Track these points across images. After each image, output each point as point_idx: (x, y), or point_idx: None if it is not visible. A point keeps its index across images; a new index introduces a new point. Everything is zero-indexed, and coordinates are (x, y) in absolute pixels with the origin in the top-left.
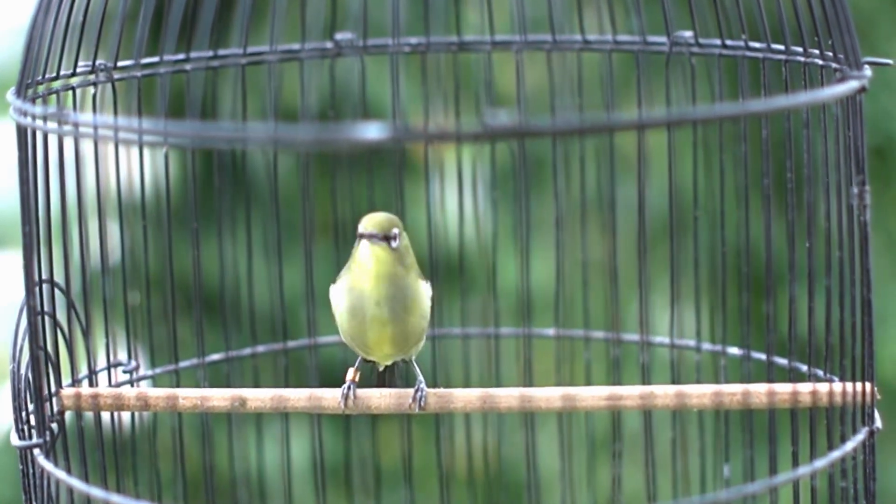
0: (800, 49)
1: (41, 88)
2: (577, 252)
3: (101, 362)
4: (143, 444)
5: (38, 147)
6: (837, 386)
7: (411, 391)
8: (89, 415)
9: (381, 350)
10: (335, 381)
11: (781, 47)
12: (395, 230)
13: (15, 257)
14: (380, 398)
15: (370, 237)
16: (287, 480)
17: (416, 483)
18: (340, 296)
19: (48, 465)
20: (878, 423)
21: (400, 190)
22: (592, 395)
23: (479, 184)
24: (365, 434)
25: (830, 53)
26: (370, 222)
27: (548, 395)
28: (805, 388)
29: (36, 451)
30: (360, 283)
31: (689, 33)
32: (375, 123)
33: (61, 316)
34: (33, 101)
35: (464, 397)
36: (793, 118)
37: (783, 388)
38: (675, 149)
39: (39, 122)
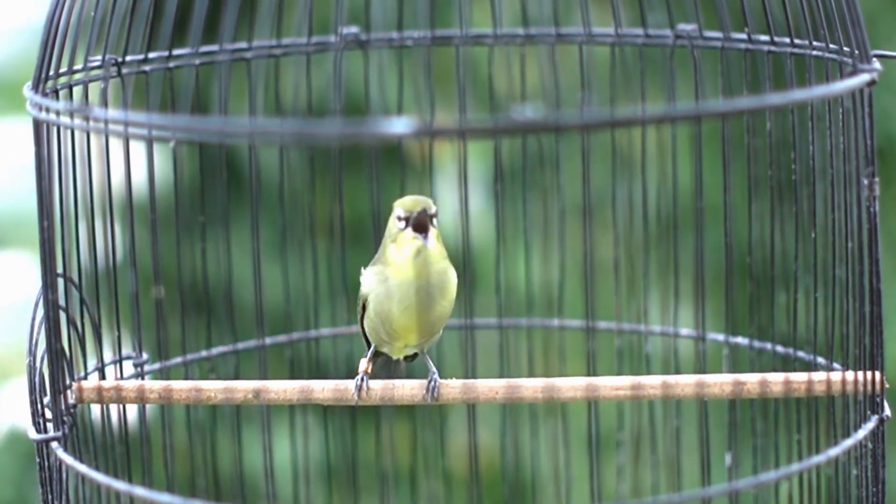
0: (805, 42)
1: (62, 81)
2: (589, 246)
3: (112, 356)
4: (154, 439)
5: (54, 142)
6: (849, 375)
7: (424, 382)
8: (95, 409)
9: (405, 338)
10: (340, 374)
11: (787, 40)
12: (435, 209)
13: (15, 256)
14: (393, 389)
15: (427, 220)
16: (295, 477)
17: (420, 482)
18: (375, 280)
19: (68, 458)
20: (888, 411)
21: (400, 184)
22: (615, 385)
23: (476, 183)
24: (371, 433)
25: (837, 46)
26: (421, 204)
27: (571, 385)
28: (819, 376)
29: (54, 444)
30: (407, 266)
31: (692, 26)
32: (402, 118)
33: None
34: (47, 96)
35: (486, 387)
36: (799, 111)
37: (799, 377)
38: (685, 143)
39: (54, 117)
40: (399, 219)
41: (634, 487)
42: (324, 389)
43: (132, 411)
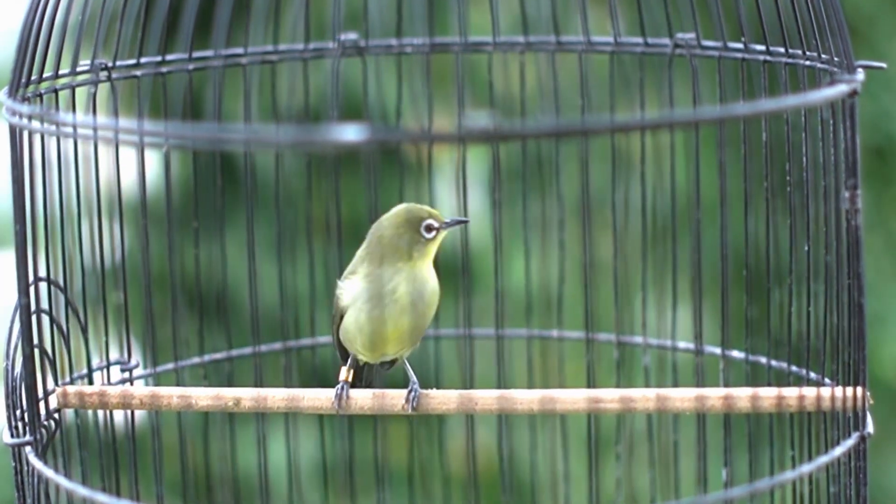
0: (799, 52)
1: (31, 89)
2: (573, 253)
3: (98, 362)
4: (138, 445)
5: (35, 147)
6: (826, 390)
7: (405, 392)
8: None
9: (389, 345)
10: (322, 382)
11: (782, 50)
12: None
13: (7, 257)
14: (373, 399)
15: (439, 227)
16: (292, 482)
17: (416, 483)
18: (357, 289)
19: (38, 464)
20: (870, 428)
21: (376, 190)
22: (571, 398)
23: (475, 185)
24: (346, 435)
25: (828, 56)
26: (432, 213)
27: (526, 398)
28: (791, 392)
29: (27, 448)
30: (398, 273)
31: (690, 35)
32: (352, 124)
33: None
34: (25, 101)
35: (442, 398)
36: (787, 120)
37: (767, 393)
38: (661, 151)
39: (27, 122)
40: (431, 228)
41: (630, 495)
42: (307, 398)
43: (118, 416)
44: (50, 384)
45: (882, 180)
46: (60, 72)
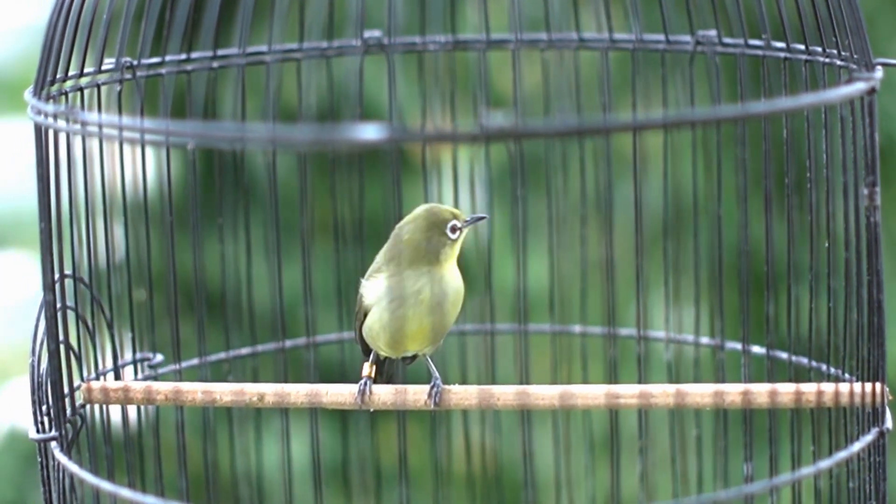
0: (819, 49)
1: (55, 88)
2: (578, 251)
3: (120, 358)
4: (152, 440)
5: (59, 145)
6: (844, 386)
7: (426, 388)
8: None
9: (412, 343)
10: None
11: (802, 47)
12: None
13: (15, 256)
14: (395, 394)
15: (462, 226)
16: (316, 480)
17: (415, 482)
18: (382, 289)
19: (63, 459)
20: (889, 423)
21: (399, 189)
22: (591, 394)
23: (477, 183)
24: (364, 433)
25: (847, 54)
26: (454, 213)
27: (546, 394)
28: (810, 388)
29: (53, 444)
30: (423, 275)
31: (712, 32)
32: (373, 124)
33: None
34: (50, 99)
35: (463, 393)
36: (807, 118)
37: (786, 388)
38: (679, 149)
39: (52, 121)
40: (455, 229)
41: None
42: (329, 393)
43: (140, 413)
44: (75, 380)
45: (882, 180)
46: (74, 72)
